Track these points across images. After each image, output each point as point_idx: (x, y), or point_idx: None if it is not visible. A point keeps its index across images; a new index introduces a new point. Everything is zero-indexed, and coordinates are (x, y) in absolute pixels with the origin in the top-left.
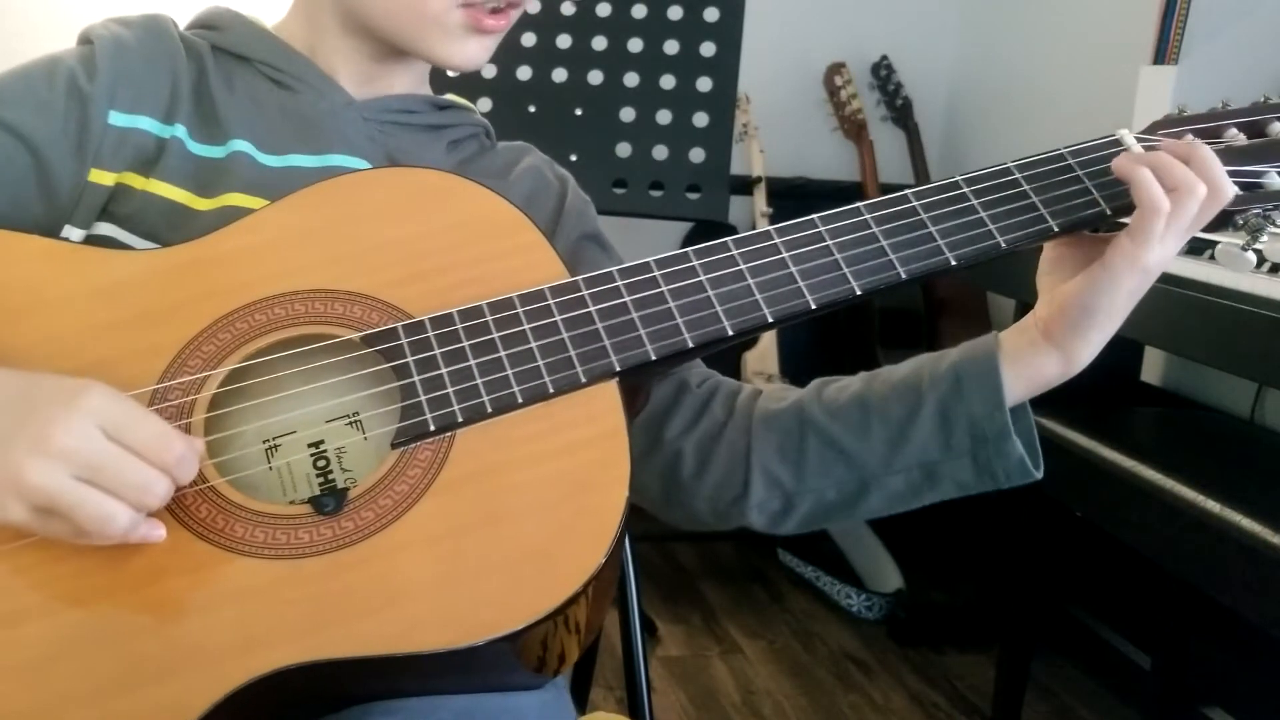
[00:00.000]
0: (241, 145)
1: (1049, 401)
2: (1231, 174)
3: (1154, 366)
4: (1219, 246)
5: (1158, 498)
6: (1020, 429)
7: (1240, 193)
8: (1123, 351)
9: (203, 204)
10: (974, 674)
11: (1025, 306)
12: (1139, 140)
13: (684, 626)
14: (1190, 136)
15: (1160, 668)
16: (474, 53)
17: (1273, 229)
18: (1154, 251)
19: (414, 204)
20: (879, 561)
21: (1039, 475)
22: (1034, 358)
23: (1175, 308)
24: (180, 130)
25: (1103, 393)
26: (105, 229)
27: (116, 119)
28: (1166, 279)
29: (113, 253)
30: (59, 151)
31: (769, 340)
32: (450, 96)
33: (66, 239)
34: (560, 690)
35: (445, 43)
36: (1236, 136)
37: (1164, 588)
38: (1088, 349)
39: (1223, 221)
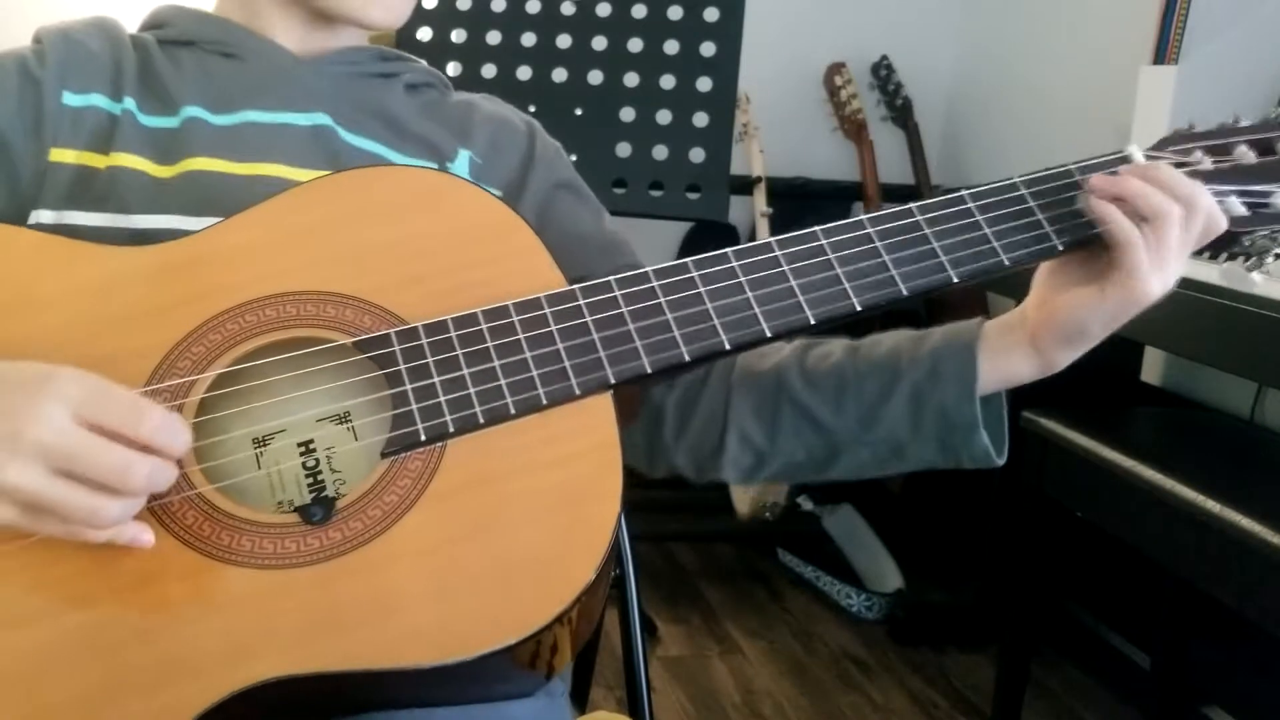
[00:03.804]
0: (193, 110)
1: (1049, 401)
2: (1238, 194)
3: (1154, 366)
4: (1224, 267)
5: (1158, 498)
6: (991, 409)
7: (1245, 213)
8: (1123, 351)
9: (165, 171)
10: (974, 674)
11: None
12: (1148, 157)
13: (684, 626)
14: (1198, 154)
15: (1160, 668)
16: (389, 6)
17: (1279, 251)
18: (1146, 281)
19: (408, 205)
20: (879, 561)
21: (1000, 462)
22: (1014, 357)
23: (1175, 308)
24: (130, 103)
25: (1103, 393)
26: (79, 216)
27: (70, 99)
28: None
29: (104, 249)
30: (16, 133)
31: None
32: (395, 50)
33: (39, 223)
34: (554, 697)
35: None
36: (1246, 154)
37: (1164, 588)
38: (1069, 359)
39: (1229, 241)
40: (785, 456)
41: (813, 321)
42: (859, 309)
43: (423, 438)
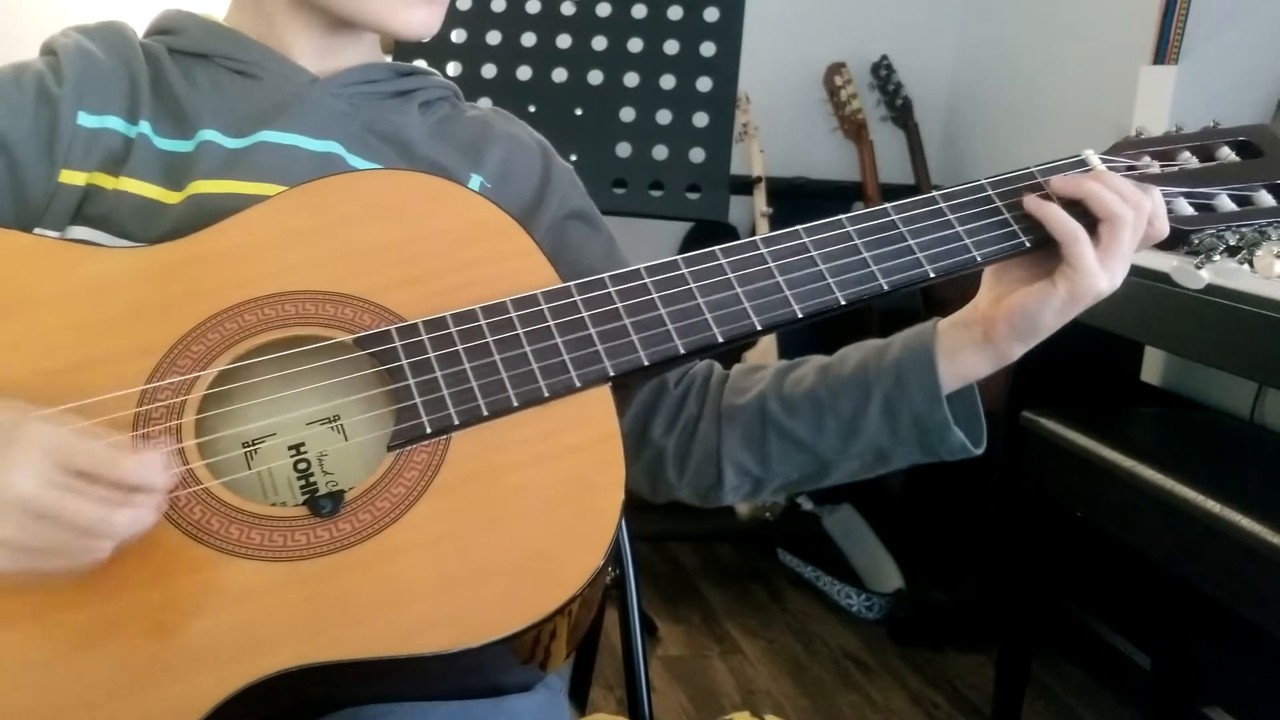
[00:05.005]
0: (209, 134)
1: (1049, 401)
2: (1185, 195)
3: (1154, 366)
4: (1173, 265)
5: (1158, 498)
6: (964, 402)
7: (1192, 213)
8: (1123, 351)
9: (173, 197)
10: (974, 674)
11: None
12: (1103, 160)
13: (684, 626)
14: (1146, 158)
15: (1160, 668)
16: (422, 19)
17: (1225, 249)
18: (1092, 277)
19: (405, 207)
20: (879, 561)
21: (979, 452)
22: (970, 356)
23: (1175, 308)
24: (145, 126)
25: (1102, 393)
26: (80, 232)
27: (85, 120)
28: (1167, 279)
29: (101, 250)
30: (29, 152)
31: (769, 339)
32: (413, 63)
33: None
34: (554, 692)
35: (391, 10)
36: (1190, 159)
37: (1164, 588)
38: (1021, 350)
39: (1178, 240)
40: (781, 478)
41: (800, 315)
42: (843, 303)
43: (428, 430)
